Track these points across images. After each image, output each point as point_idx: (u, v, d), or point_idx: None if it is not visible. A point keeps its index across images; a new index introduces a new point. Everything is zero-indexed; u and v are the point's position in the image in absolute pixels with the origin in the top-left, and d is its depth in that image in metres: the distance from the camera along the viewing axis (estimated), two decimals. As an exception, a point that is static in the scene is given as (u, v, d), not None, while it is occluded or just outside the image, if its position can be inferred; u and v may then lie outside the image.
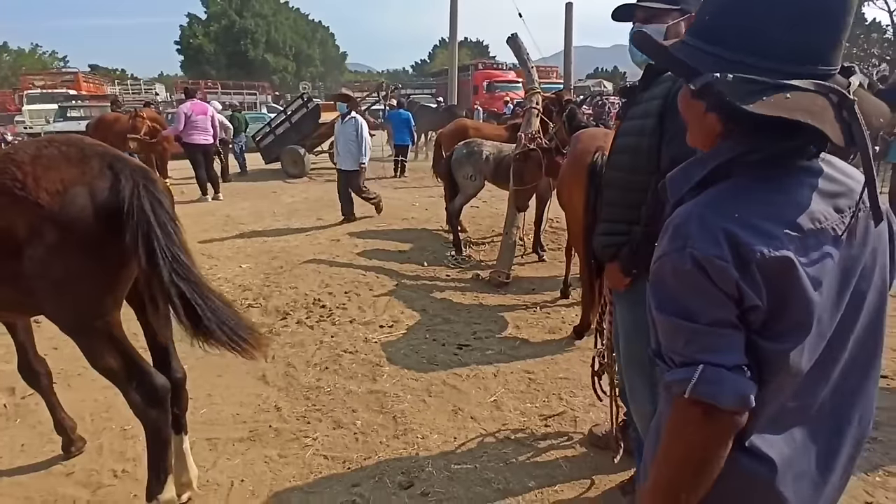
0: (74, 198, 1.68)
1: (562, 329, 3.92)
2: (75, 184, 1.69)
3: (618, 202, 1.91)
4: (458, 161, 5.85)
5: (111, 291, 1.82)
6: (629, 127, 1.88)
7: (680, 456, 0.85)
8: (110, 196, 1.73)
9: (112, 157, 1.82)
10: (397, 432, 2.69)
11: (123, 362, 1.88)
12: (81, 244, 1.69)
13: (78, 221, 1.68)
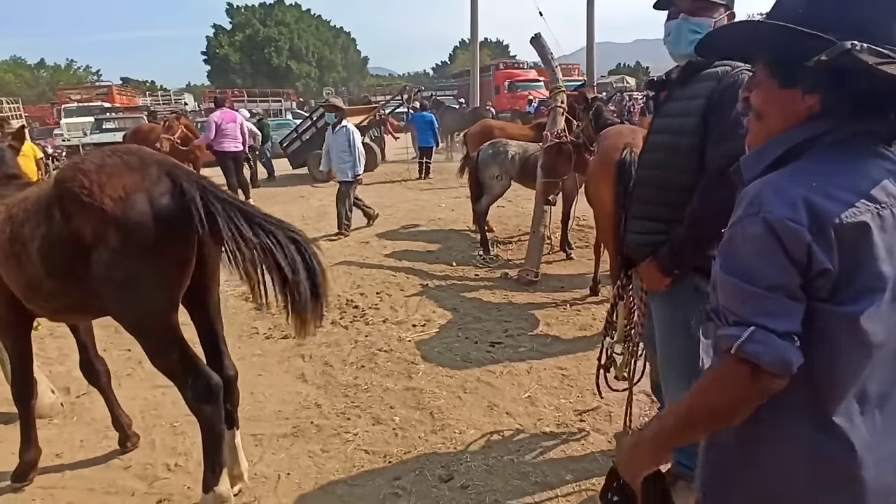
0: (135, 203, 1.80)
1: (592, 326, 3.94)
2: (136, 190, 1.81)
3: (652, 200, 1.94)
4: (484, 161, 5.90)
5: (170, 292, 1.93)
6: (664, 124, 1.90)
7: (711, 401, 0.91)
8: (169, 200, 1.84)
9: (170, 165, 1.95)
10: (435, 427, 2.76)
11: (181, 360, 2.00)
12: (142, 247, 1.81)
13: (139, 225, 1.79)
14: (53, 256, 1.92)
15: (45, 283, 1.98)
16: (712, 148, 1.73)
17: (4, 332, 2.40)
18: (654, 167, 1.91)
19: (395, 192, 11.19)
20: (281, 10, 49.59)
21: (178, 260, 1.89)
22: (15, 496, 2.53)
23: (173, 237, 1.84)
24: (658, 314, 1.99)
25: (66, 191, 1.85)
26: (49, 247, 1.92)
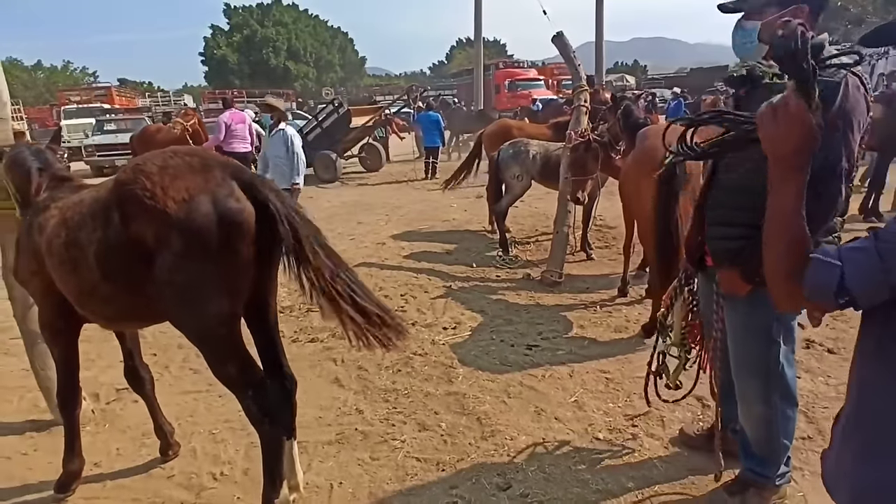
0: (199, 206, 1.74)
1: (627, 328, 3.90)
2: (200, 192, 1.75)
3: (735, 205, 1.89)
4: (505, 161, 5.85)
5: (232, 298, 1.87)
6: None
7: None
8: (234, 203, 1.78)
9: (234, 167, 1.89)
10: (484, 434, 2.71)
11: (243, 370, 1.94)
12: (205, 251, 1.75)
13: (202, 229, 1.74)
14: (112, 261, 1.86)
15: (101, 288, 1.92)
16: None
17: (53, 340, 2.34)
18: (739, 172, 1.86)
19: (402, 192, 11.13)
20: (279, 11, 49.42)
21: (241, 266, 1.83)
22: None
23: (238, 242, 1.78)
24: (733, 317, 1.94)
25: (128, 193, 1.78)
26: (107, 251, 1.86)
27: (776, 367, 1.91)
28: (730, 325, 1.97)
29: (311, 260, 1.87)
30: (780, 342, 1.89)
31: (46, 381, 3.12)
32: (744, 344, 1.95)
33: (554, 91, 27.53)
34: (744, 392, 2.01)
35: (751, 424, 2.04)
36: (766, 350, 1.90)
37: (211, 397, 3.39)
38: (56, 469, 2.70)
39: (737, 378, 2.02)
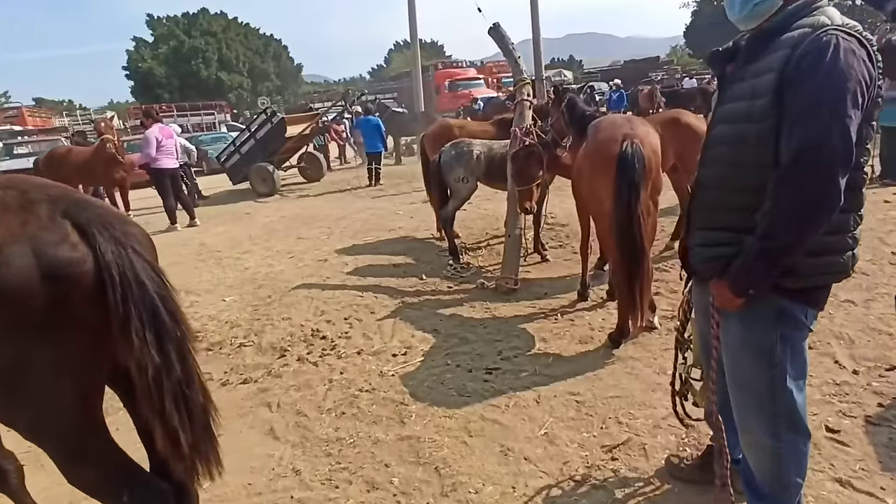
0: (11, 258, 1.24)
1: (593, 338, 3.58)
2: (13, 241, 1.25)
3: (717, 205, 1.56)
4: (448, 164, 5.46)
5: (81, 377, 1.37)
6: (729, 112, 1.52)
7: None
8: (68, 253, 1.29)
9: (69, 202, 1.38)
10: (445, 489, 2.29)
11: (110, 475, 1.44)
12: (29, 321, 1.24)
13: (19, 290, 1.23)
14: None
15: None
16: (786, 135, 1.37)
17: None
18: (718, 164, 1.53)
19: (345, 201, 10.59)
20: (206, 20, 47.32)
21: (85, 334, 1.33)
22: None
23: (77, 302, 1.28)
24: (729, 333, 1.61)
25: None
26: None
27: (781, 393, 1.59)
28: (725, 343, 1.65)
29: (130, 344, 1.36)
30: (784, 365, 1.57)
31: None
32: (741, 365, 1.63)
33: (495, 89, 27.58)
34: (743, 421, 1.69)
35: (755, 457, 1.72)
36: (767, 373, 1.58)
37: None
38: None
39: (735, 404, 1.69)
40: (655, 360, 3.15)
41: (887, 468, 2.16)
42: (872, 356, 2.96)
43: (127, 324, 1.32)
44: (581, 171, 3.41)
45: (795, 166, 1.36)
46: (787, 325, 1.54)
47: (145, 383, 1.35)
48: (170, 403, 1.38)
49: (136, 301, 1.33)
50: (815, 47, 1.35)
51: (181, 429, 1.41)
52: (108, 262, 1.31)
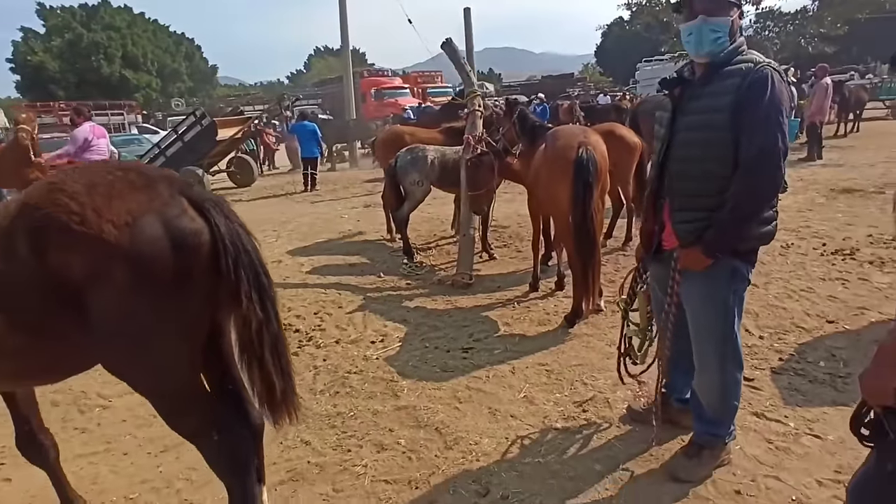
0: (145, 227, 1.46)
1: (550, 320, 4.07)
2: (145, 212, 1.47)
3: (693, 192, 2.05)
4: (403, 168, 5.81)
5: (194, 340, 1.59)
6: (694, 122, 2.03)
7: None
8: (190, 224, 1.53)
9: (181, 183, 1.60)
10: (447, 443, 2.64)
11: (205, 418, 1.66)
12: (158, 284, 1.47)
13: (153, 254, 1.46)
14: (19, 303, 1.48)
15: (9, 341, 1.52)
16: (746, 140, 1.89)
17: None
18: (691, 161, 2.03)
19: (284, 206, 10.57)
20: (108, 14, 44.02)
21: (201, 299, 1.56)
22: None
23: (196, 268, 1.52)
24: (693, 290, 2.11)
25: (44, 218, 1.43)
26: (12, 291, 1.47)
27: (731, 334, 2.13)
28: (689, 299, 2.15)
29: (240, 304, 1.62)
30: (734, 312, 2.10)
31: None
32: (704, 314, 2.13)
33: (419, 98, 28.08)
34: (702, 360, 2.20)
35: (706, 390, 2.24)
36: (724, 318, 2.11)
37: (113, 458, 2.90)
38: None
39: (696, 346, 2.20)
40: (606, 335, 3.69)
41: (788, 403, 2.80)
42: (773, 325, 3.69)
43: (238, 285, 1.56)
44: (539, 174, 3.91)
45: (757, 162, 1.89)
46: (737, 280, 2.08)
47: (249, 336, 1.60)
48: (268, 353, 1.64)
49: (245, 266, 1.58)
50: (759, 77, 1.88)
51: (275, 374, 1.68)
52: (222, 234, 1.55)
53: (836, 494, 2.16)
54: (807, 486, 2.21)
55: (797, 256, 5.01)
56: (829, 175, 8.85)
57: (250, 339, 1.61)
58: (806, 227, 5.89)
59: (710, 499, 2.19)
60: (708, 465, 2.29)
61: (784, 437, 2.52)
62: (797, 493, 2.19)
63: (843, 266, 4.68)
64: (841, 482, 2.21)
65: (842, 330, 3.56)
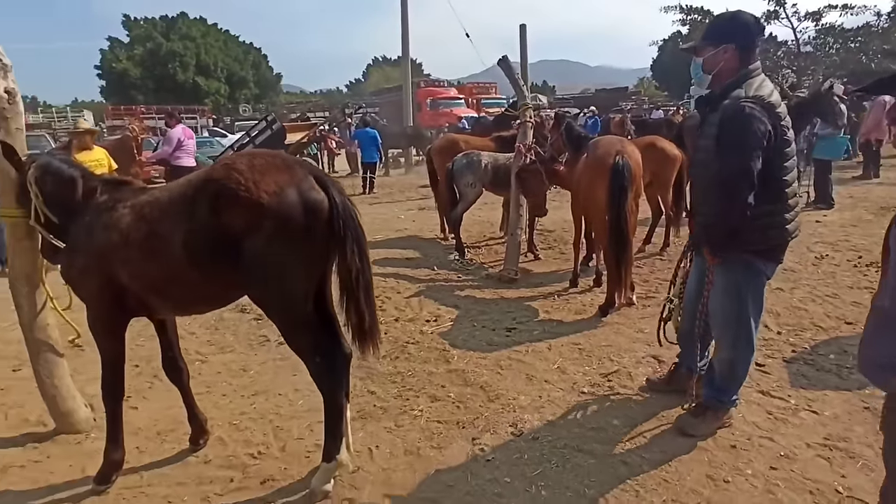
0: (289, 195, 2.07)
1: (586, 310, 4.52)
2: (288, 185, 2.09)
3: (700, 199, 2.55)
4: (460, 171, 6.38)
5: (312, 277, 2.21)
6: (702, 144, 2.50)
7: None
8: (315, 195, 2.13)
9: (309, 166, 2.23)
10: (490, 397, 3.16)
11: (314, 339, 2.27)
12: (293, 234, 2.07)
13: (292, 216, 2.06)
14: (199, 248, 2.12)
15: (186, 275, 2.17)
16: (719, 164, 2.34)
17: (106, 334, 2.49)
18: (697, 175, 2.52)
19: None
20: (185, 24, 47.31)
21: (319, 248, 2.17)
22: (100, 499, 2.58)
23: (317, 226, 2.12)
24: (715, 279, 2.55)
25: (221, 187, 2.08)
26: (195, 240, 2.12)
27: (744, 318, 2.54)
28: (713, 289, 2.58)
29: (345, 256, 2.21)
30: (747, 301, 2.52)
31: (52, 388, 3.15)
32: (720, 301, 2.57)
33: (474, 109, 28.74)
34: (719, 339, 2.64)
35: (719, 362, 2.67)
36: (736, 304, 2.53)
37: (214, 397, 3.56)
38: (76, 470, 2.81)
39: (714, 327, 2.64)
40: (634, 324, 4.11)
41: (793, 385, 3.15)
42: (792, 323, 4.00)
43: (345, 241, 2.16)
44: (581, 179, 4.38)
45: (722, 183, 2.32)
46: (751, 273, 2.49)
47: (350, 280, 2.20)
48: (362, 294, 2.24)
49: (350, 228, 2.17)
50: (732, 112, 2.32)
51: (366, 310, 2.26)
52: (337, 204, 2.15)
53: (820, 454, 2.53)
54: (795, 447, 2.59)
55: (829, 266, 5.23)
56: (883, 193, 8.80)
57: (350, 282, 2.21)
58: (845, 241, 6.05)
59: (709, 449, 2.60)
60: (711, 423, 2.70)
61: (783, 411, 2.89)
62: (786, 451, 2.57)
63: (875, 277, 4.88)
64: (828, 446, 2.59)
65: (859, 331, 3.82)
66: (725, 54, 2.43)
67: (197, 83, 45.53)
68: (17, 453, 3.01)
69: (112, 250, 2.28)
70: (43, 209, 2.60)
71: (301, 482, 2.55)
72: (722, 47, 2.44)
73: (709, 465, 2.49)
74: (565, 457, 2.60)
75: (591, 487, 2.39)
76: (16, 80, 2.86)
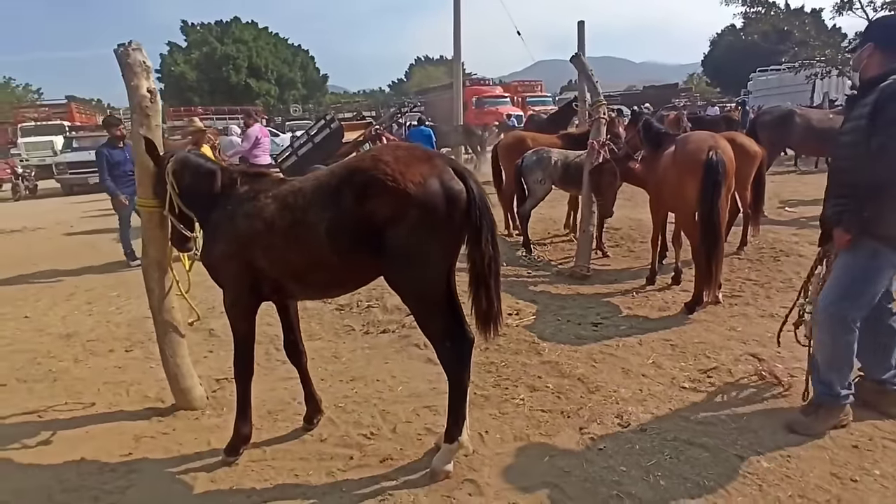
0: (431, 184, 2.19)
1: (669, 308, 4.49)
2: (431, 175, 2.20)
3: (839, 182, 2.51)
4: (529, 167, 6.42)
5: (448, 262, 2.34)
6: (849, 127, 2.49)
7: None
8: (455, 185, 2.23)
9: (447, 159, 2.35)
10: (590, 389, 3.20)
11: (446, 324, 2.38)
12: (435, 222, 2.19)
13: (435, 204, 2.18)
14: (341, 235, 2.26)
15: (328, 260, 2.31)
16: (872, 139, 2.31)
17: (241, 316, 2.68)
18: (843, 157, 2.50)
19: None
20: (238, 29, 49.00)
21: (457, 235, 2.28)
22: (231, 469, 2.76)
23: (456, 214, 2.23)
24: (836, 265, 2.54)
25: (367, 178, 2.21)
26: (338, 227, 2.26)
27: (849, 303, 2.51)
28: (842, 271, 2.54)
29: (480, 243, 2.32)
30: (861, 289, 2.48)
31: (175, 367, 3.39)
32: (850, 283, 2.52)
33: (520, 107, 28.60)
34: (821, 320, 2.59)
35: (819, 347, 2.63)
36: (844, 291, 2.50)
37: (313, 381, 3.72)
38: (202, 443, 3.02)
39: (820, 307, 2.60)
40: (725, 322, 4.06)
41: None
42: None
43: (480, 230, 2.26)
44: (667, 174, 4.35)
45: (883, 157, 2.28)
46: (876, 262, 2.45)
47: (483, 266, 2.30)
48: (492, 279, 2.33)
49: (486, 218, 2.27)
50: (892, 91, 2.30)
51: (496, 296, 2.36)
52: (475, 195, 2.25)
53: (952, 457, 2.46)
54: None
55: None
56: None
57: (483, 268, 2.30)
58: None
59: (829, 448, 2.56)
60: (825, 422, 2.65)
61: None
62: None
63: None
64: (958, 448, 2.51)
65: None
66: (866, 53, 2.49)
67: (249, 85, 47.07)
68: (145, 426, 3.25)
69: (255, 237, 2.45)
70: (177, 200, 2.81)
71: (418, 462, 2.67)
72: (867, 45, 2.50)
73: (831, 464, 2.45)
74: (678, 449, 2.61)
75: (709, 479, 2.40)
76: (154, 80, 3.10)
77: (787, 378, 3.13)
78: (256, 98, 46.70)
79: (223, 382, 3.80)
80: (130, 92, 3.10)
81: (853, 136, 2.44)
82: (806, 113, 8.82)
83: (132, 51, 3.09)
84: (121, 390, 3.77)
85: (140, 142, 2.97)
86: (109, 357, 4.34)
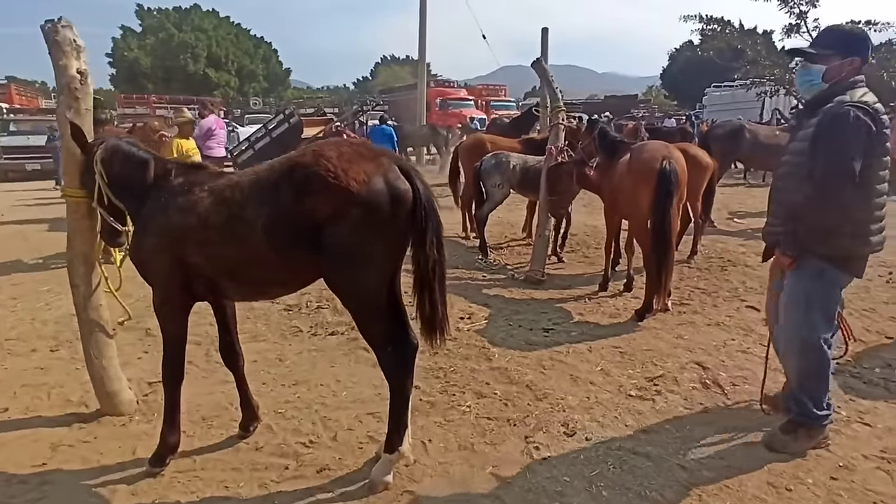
0: (376, 182, 2.08)
1: (620, 314, 4.52)
2: (375, 174, 2.09)
3: (779, 201, 2.54)
4: (488, 171, 6.39)
5: (391, 264, 2.23)
6: (794, 147, 2.51)
7: None
8: (401, 184, 2.14)
9: (394, 157, 2.24)
10: (537, 396, 3.16)
11: (386, 328, 2.27)
12: (378, 222, 2.09)
13: (378, 203, 2.08)
14: (280, 232, 2.13)
15: (265, 257, 2.17)
16: (815, 163, 2.34)
17: (171, 316, 2.50)
18: (784, 177, 2.53)
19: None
20: (198, 16, 47.39)
21: (401, 236, 2.18)
22: (155, 481, 2.57)
23: (400, 215, 2.13)
24: (785, 287, 2.57)
25: (309, 174, 2.08)
26: (276, 224, 2.12)
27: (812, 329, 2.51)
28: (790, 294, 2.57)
29: (425, 245, 2.24)
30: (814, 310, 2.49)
31: (100, 370, 3.16)
32: (786, 309, 2.58)
33: (483, 110, 28.74)
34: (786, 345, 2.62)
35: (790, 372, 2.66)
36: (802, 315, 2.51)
37: (254, 385, 3.50)
38: (126, 452, 2.82)
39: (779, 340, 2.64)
40: (673, 330, 4.12)
41: (843, 397, 3.15)
42: (831, 335, 4.00)
43: (425, 232, 2.17)
44: (623, 182, 4.38)
45: (820, 182, 2.29)
46: (823, 282, 2.46)
47: (427, 269, 2.21)
48: (437, 283, 2.25)
49: (432, 220, 2.18)
50: (835, 114, 2.31)
51: (440, 301, 2.27)
52: (421, 195, 2.16)
53: (879, 466, 2.53)
54: (853, 459, 2.59)
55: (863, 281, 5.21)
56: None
57: (428, 271, 2.22)
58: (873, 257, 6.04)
59: (766, 458, 2.60)
60: (804, 442, 2.61)
61: (836, 423, 2.88)
62: (844, 462, 2.57)
63: (908, 293, 4.89)
64: (886, 459, 2.59)
65: (900, 345, 3.84)
66: (851, 66, 2.45)
67: (207, 75, 45.53)
68: (64, 433, 3.01)
69: (188, 232, 2.28)
70: (107, 191, 2.61)
71: (357, 472, 2.55)
72: (849, 59, 2.45)
73: (768, 473, 2.48)
74: (622, 458, 2.60)
75: (651, 490, 2.39)
76: (86, 61, 2.87)
77: (730, 387, 3.18)
78: (215, 89, 45.20)
79: (156, 386, 3.56)
80: (58, 72, 2.87)
81: (796, 158, 2.47)
82: (755, 128, 9.18)
83: (61, 27, 2.86)
84: (41, 394, 3.49)
85: (66, 126, 2.74)
86: (31, 357, 4.02)
